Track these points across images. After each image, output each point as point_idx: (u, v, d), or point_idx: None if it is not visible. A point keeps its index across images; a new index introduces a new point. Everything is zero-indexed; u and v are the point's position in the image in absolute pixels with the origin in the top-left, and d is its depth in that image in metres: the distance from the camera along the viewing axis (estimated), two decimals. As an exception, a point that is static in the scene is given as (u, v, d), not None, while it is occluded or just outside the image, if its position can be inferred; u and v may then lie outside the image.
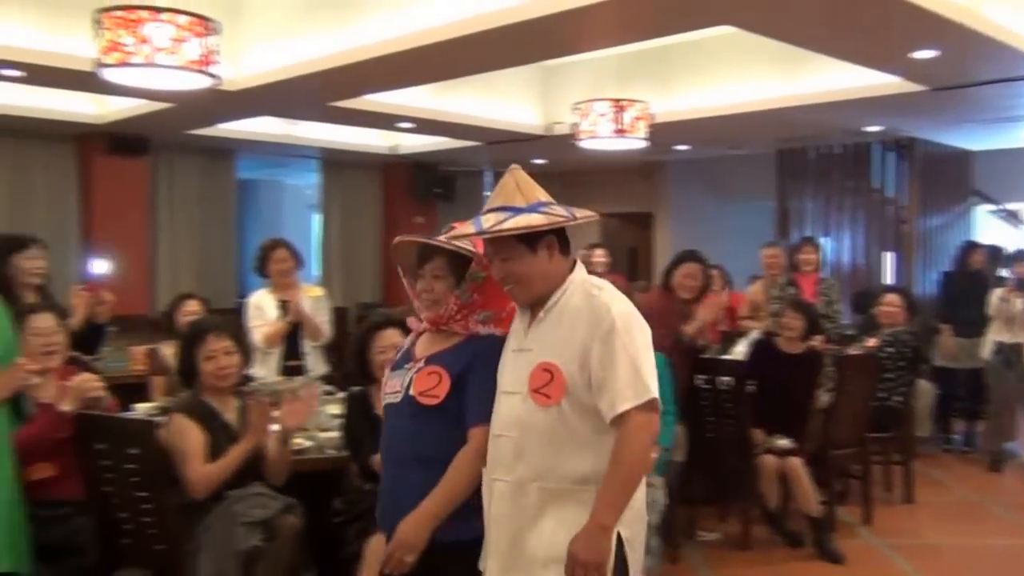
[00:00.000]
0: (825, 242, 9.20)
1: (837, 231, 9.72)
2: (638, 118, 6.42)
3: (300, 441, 3.71)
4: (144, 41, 4.15)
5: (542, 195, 2.30)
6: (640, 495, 2.27)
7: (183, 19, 4.21)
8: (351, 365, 3.65)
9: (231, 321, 3.98)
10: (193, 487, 3.22)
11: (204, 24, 4.29)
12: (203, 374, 3.42)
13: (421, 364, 2.51)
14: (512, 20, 4.82)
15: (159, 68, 4.23)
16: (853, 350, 5.92)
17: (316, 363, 5.12)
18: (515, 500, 2.26)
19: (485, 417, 2.38)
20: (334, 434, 3.79)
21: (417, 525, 2.36)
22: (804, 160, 9.89)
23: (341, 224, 10.77)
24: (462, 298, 2.49)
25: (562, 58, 7.09)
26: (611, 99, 6.41)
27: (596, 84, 7.27)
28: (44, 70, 5.85)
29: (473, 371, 2.45)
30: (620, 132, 6.38)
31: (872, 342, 5.97)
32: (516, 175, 2.33)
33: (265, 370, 4.84)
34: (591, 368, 2.19)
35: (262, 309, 5.04)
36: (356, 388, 3.63)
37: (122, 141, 8.38)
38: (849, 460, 5.47)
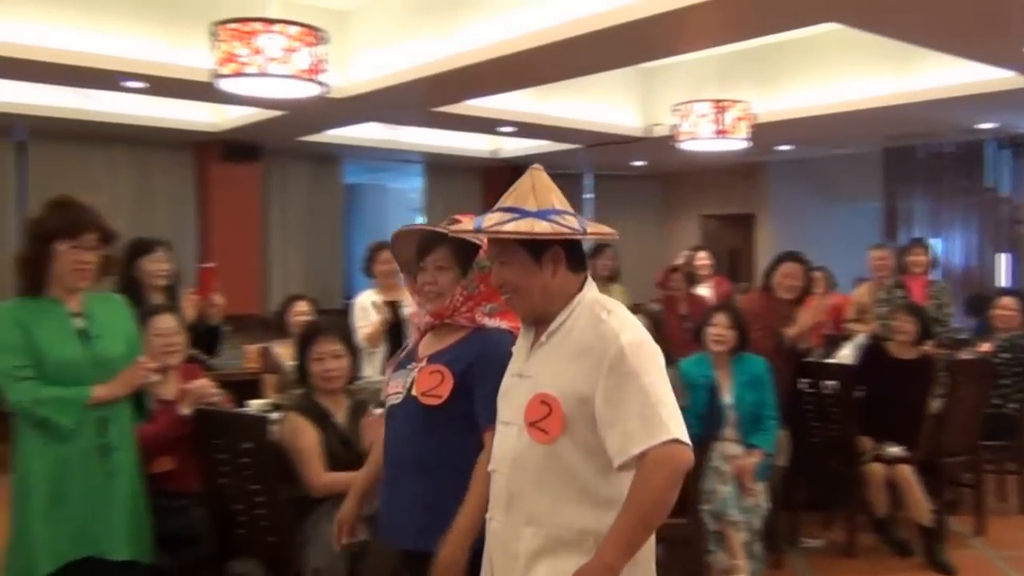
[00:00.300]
0: (935, 243, 8.91)
1: (948, 232, 9.40)
2: (739, 118, 6.35)
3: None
4: (257, 52, 4.30)
5: (558, 201, 2.06)
6: (648, 547, 2.02)
7: (294, 29, 4.36)
8: None
9: (340, 323, 4.09)
10: (312, 490, 3.30)
11: (314, 34, 4.43)
12: (311, 375, 3.51)
13: (423, 363, 2.42)
14: (614, 23, 4.82)
15: (271, 77, 4.38)
16: (965, 355, 5.73)
17: None
18: (507, 544, 2.05)
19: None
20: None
21: (454, 545, 2.25)
22: (913, 159, 9.60)
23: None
24: (468, 289, 2.39)
25: (662, 59, 7.06)
26: (712, 99, 6.36)
27: (696, 85, 7.22)
28: (165, 81, 6.12)
29: (479, 368, 2.33)
30: (721, 133, 6.32)
31: (986, 347, 5.77)
32: (534, 176, 2.09)
33: (371, 369, 4.97)
34: (596, 404, 1.94)
35: (367, 310, 5.16)
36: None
37: (236, 148, 8.71)
38: (961, 468, 5.30)
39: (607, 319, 1.99)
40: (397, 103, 6.94)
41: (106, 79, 6.19)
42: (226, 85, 4.57)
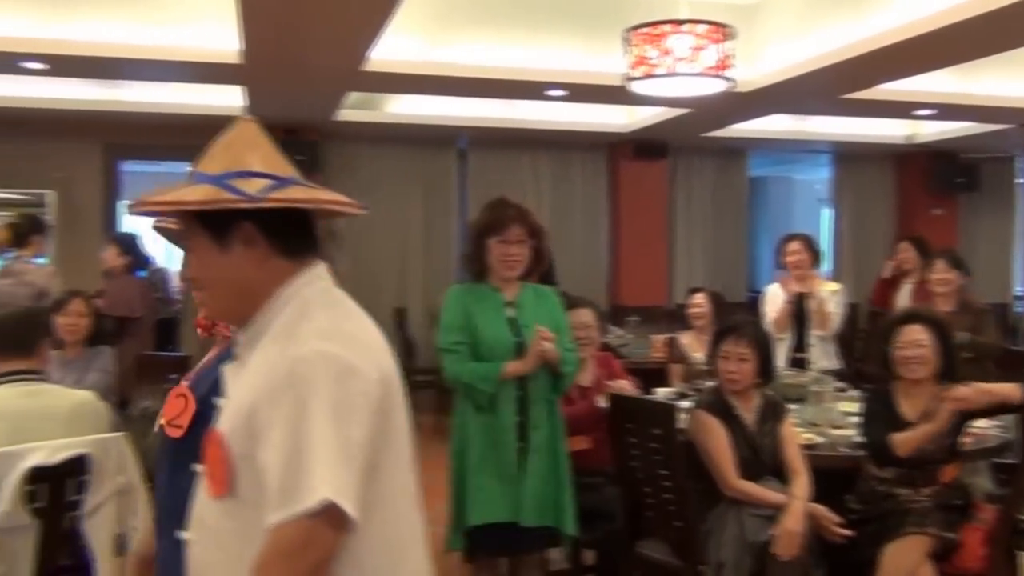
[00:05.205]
0: None
1: None
2: None
3: (810, 437, 3.72)
4: (667, 53, 4.45)
5: (260, 162, 1.45)
6: None
7: (701, 28, 4.45)
8: (875, 361, 3.59)
9: (756, 324, 3.95)
10: (726, 491, 3.36)
11: (721, 31, 4.48)
12: (717, 371, 3.56)
13: None
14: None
15: (680, 76, 4.51)
16: None
17: (820, 356, 5.11)
18: None
19: None
20: (847, 432, 3.74)
21: None
22: None
23: (852, 218, 10.46)
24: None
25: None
26: None
27: None
28: (583, 88, 6.56)
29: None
30: None
31: None
32: (238, 129, 1.51)
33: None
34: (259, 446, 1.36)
35: (777, 297, 5.26)
36: (873, 386, 3.54)
37: (645, 146, 9.07)
38: None
39: (304, 325, 1.41)
40: (805, 92, 6.77)
41: (534, 90, 6.79)
42: (638, 87, 4.77)
